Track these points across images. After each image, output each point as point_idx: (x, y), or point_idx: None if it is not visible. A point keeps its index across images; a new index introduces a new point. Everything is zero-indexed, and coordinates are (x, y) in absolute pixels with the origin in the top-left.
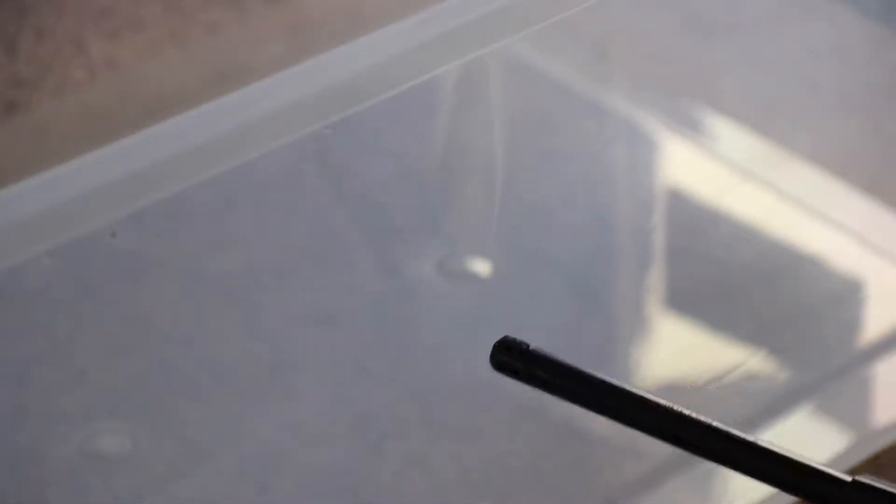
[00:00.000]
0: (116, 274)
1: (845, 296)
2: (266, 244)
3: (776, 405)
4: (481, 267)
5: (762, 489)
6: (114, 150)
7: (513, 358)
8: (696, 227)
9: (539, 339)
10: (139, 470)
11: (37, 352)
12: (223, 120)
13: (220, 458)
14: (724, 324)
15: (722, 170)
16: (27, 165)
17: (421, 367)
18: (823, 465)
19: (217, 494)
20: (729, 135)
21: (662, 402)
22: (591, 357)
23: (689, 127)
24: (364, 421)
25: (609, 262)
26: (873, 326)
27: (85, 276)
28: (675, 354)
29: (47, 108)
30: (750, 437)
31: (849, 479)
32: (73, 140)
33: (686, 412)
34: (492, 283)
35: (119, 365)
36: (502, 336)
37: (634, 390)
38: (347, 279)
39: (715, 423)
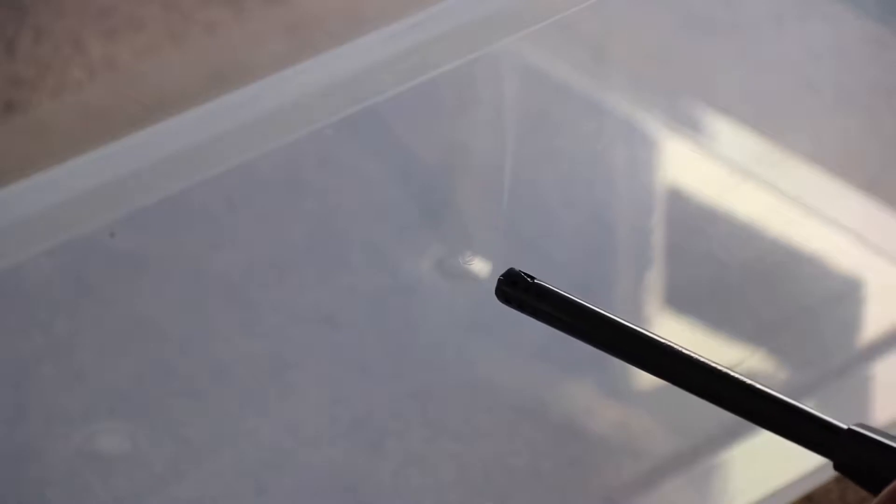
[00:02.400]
0: (116, 274)
1: (845, 295)
2: (266, 244)
3: None
4: (481, 267)
5: (761, 489)
6: (114, 150)
7: (518, 291)
8: (695, 227)
9: (539, 338)
10: (139, 470)
11: (37, 352)
12: (223, 120)
13: (220, 458)
14: (724, 323)
15: (722, 170)
16: (27, 165)
17: (421, 367)
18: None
19: (217, 494)
20: (729, 135)
21: (661, 338)
22: (592, 357)
23: (689, 127)
24: (364, 421)
25: (609, 261)
26: (873, 326)
27: (85, 276)
28: None
29: (46, 107)
30: (744, 378)
31: (844, 426)
32: (72, 140)
33: (687, 351)
34: (492, 283)
35: (119, 365)
36: (507, 268)
37: (636, 327)
38: (347, 279)
39: (715, 364)
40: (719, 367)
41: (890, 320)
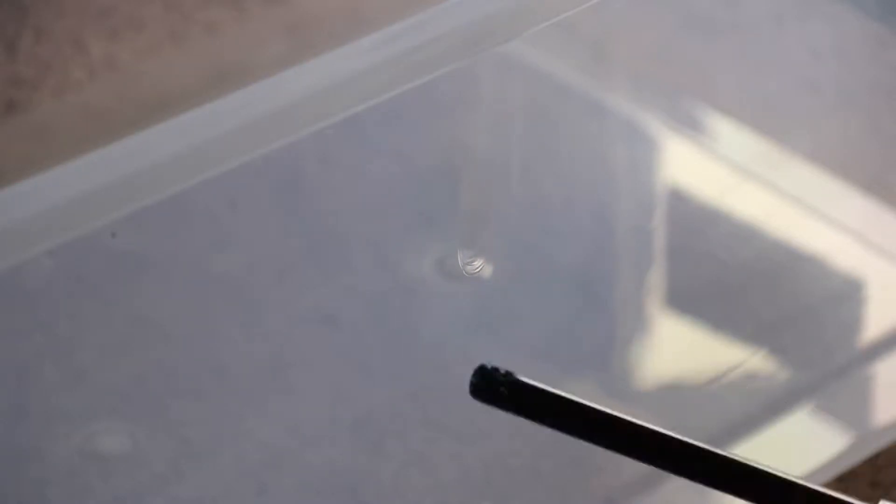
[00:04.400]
0: (116, 274)
1: (845, 295)
2: (266, 244)
3: (776, 405)
4: (482, 267)
5: None
6: (114, 150)
7: (495, 386)
8: (696, 226)
9: (540, 339)
10: (139, 470)
11: (37, 352)
12: (223, 120)
13: (220, 458)
14: (725, 323)
15: (722, 170)
16: (27, 165)
17: (421, 367)
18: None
19: (217, 494)
20: (729, 135)
21: (645, 424)
22: (592, 357)
23: (689, 127)
24: (364, 421)
25: (609, 262)
26: (873, 326)
27: (85, 276)
28: (675, 354)
29: (47, 107)
30: (759, 464)
31: None
32: (73, 140)
33: (680, 437)
34: (492, 282)
35: (119, 365)
36: (479, 364)
37: (612, 413)
38: (347, 279)
39: (710, 448)
40: (727, 455)
41: (891, 320)
